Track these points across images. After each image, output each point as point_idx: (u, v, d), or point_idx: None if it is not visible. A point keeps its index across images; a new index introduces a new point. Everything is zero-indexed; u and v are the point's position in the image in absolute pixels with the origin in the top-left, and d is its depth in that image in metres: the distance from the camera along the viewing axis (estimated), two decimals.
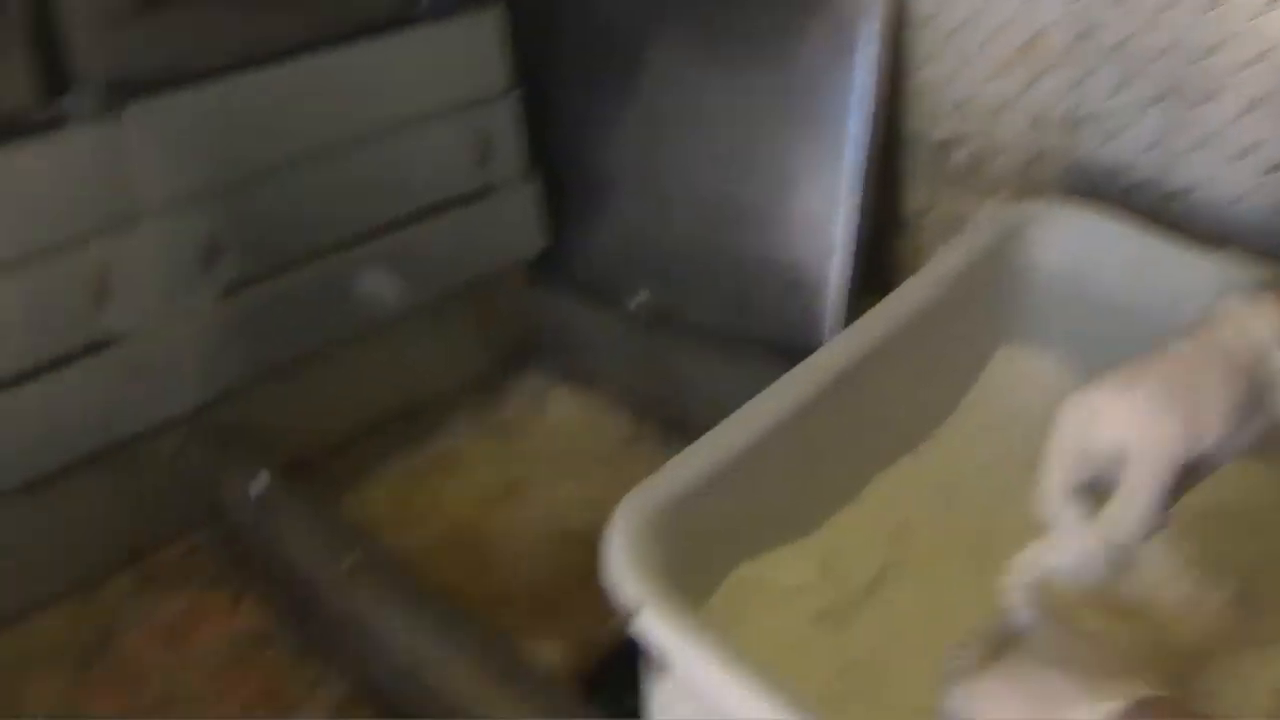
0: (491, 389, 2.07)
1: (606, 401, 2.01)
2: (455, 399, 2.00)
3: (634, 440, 1.93)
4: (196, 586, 1.68)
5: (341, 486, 1.81)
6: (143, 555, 1.72)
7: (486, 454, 1.91)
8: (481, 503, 1.81)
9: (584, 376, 2.07)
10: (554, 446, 1.93)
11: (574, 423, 1.98)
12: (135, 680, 1.55)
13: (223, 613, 1.62)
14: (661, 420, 1.92)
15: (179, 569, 1.72)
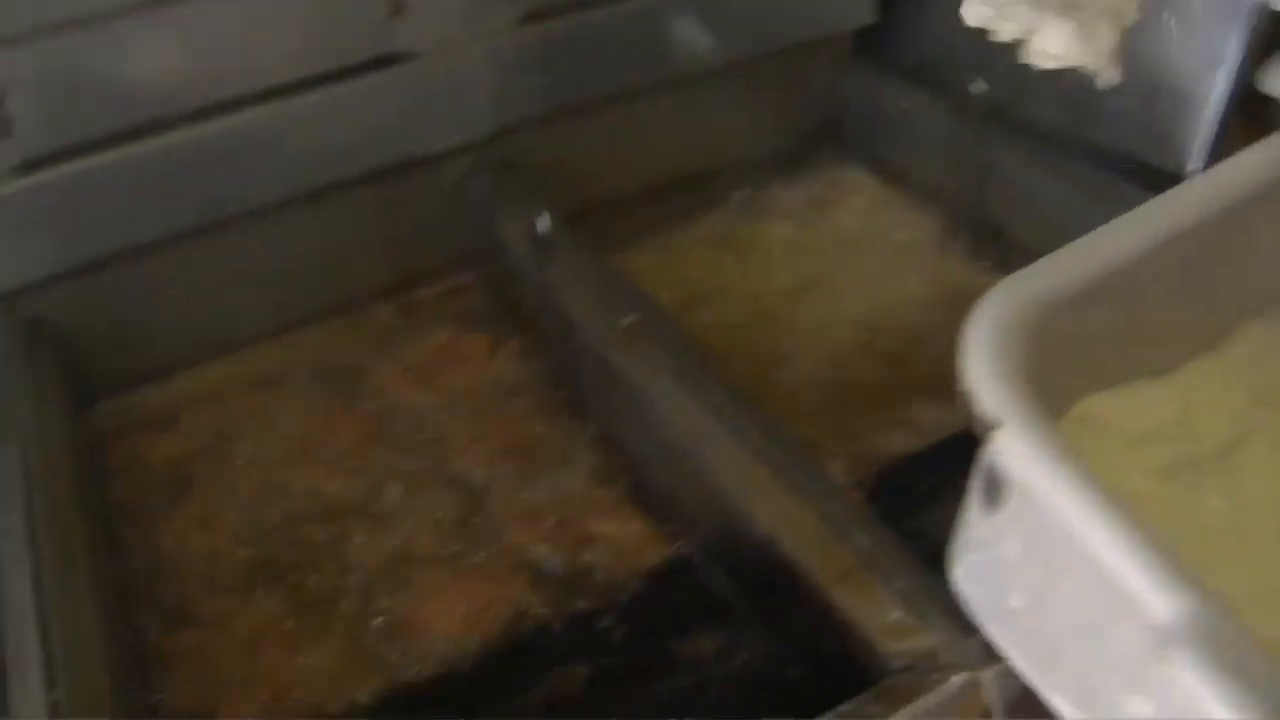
0: (792, 167, 2.01)
1: (915, 198, 1.93)
2: (751, 172, 1.96)
3: (942, 243, 1.87)
4: (456, 326, 1.74)
5: (613, 247, 1.82)
6: (406, 287, 1.79)
7: (778, 237, 1.89)
8: (764, 290, 1.80)
9: (893, 168, 1.99)
10: (853, 239, 1.90)
11: (877, 216, 1.93)
12: (382, 413, 1.64)
13: (481, 356, 1.68)
14: (973, 226, 1.86)
15: (441, 306, 1.79)
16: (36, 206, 1.52)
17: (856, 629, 1.17)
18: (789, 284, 1.80)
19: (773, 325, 1.72)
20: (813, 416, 1.57)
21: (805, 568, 1.22)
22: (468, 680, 1.33)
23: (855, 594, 1.19)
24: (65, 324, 1.61)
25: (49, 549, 1.30)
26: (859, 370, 1.65)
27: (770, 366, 1.65)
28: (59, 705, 1.14)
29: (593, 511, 1.47)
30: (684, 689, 1.30)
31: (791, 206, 1.97)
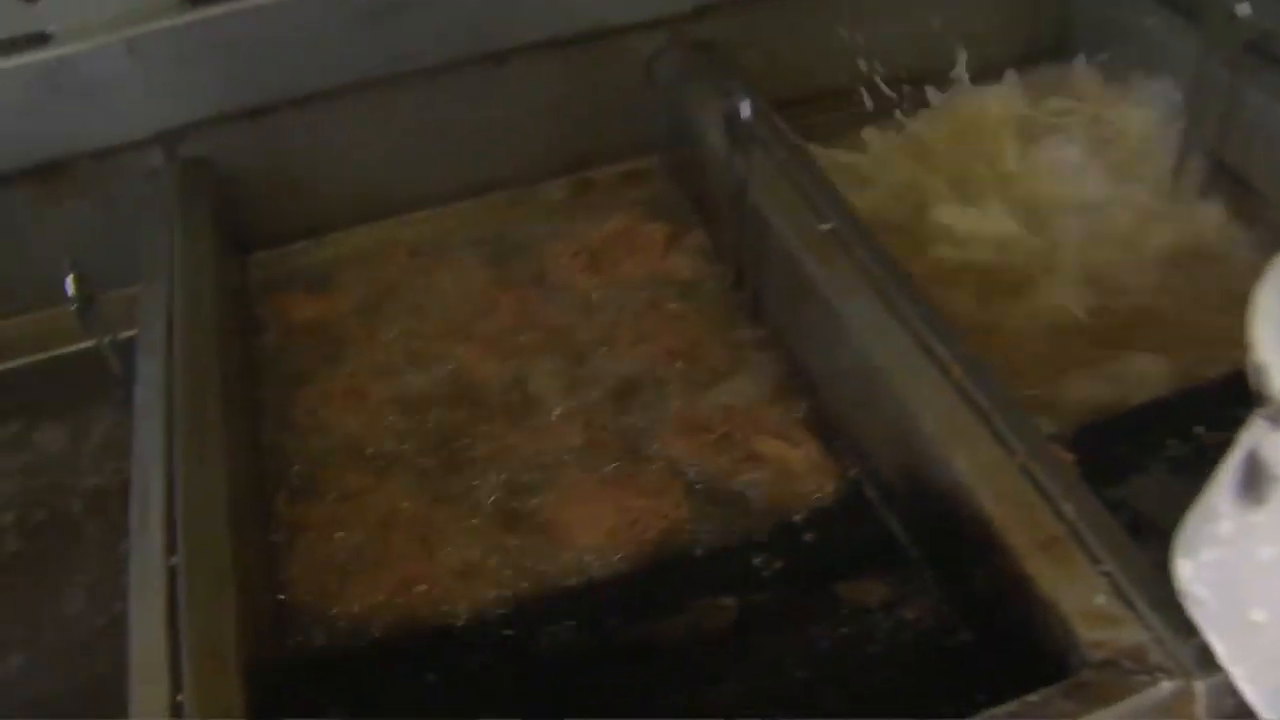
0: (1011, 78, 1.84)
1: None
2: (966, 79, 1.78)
3: (1172, 179, 1.65)
4: (633, 213, 1.60)
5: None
6: (583, 166, 1.67)
7: (991, 155, 1.68)
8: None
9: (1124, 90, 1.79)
10: (1071, 167, 1.68)
11: (1100, 144, 1.71)
12: (545, 296, 1.52)
13: (657, 247, 1.54)
14: (1208, 163, 1.63)
15: (618, 189, 1.66)
16: (207, 41, 1.44)
17: (1051, 607, 1.00)
18: (1002, 206, 1.60)
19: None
20: (1015, 355, 1.39)
21: (1001, 527, 1.05)
22: (606, 599, 1.21)
23: (1056, 567, 1.02)
24: (226, 169, 1.53)
25: (185, 400, 1.23)
26: (1066, 312, 1.45)
27: (973, 294, 1.47)
28: (175, 570, 1.06)
29: (762, 429, 1.33)
30: (843, 639, 1.16)
31: (1007, 120, 1.76)
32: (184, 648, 1.01)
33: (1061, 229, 1.56)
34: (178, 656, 1.00)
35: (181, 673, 0.99)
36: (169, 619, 1.03)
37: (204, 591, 1.06)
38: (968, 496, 1.09)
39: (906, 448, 1.18)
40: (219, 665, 1.01)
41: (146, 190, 1.48)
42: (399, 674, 1.17)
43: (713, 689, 1.13)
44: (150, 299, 1.33)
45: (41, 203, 1.48)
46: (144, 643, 1.02)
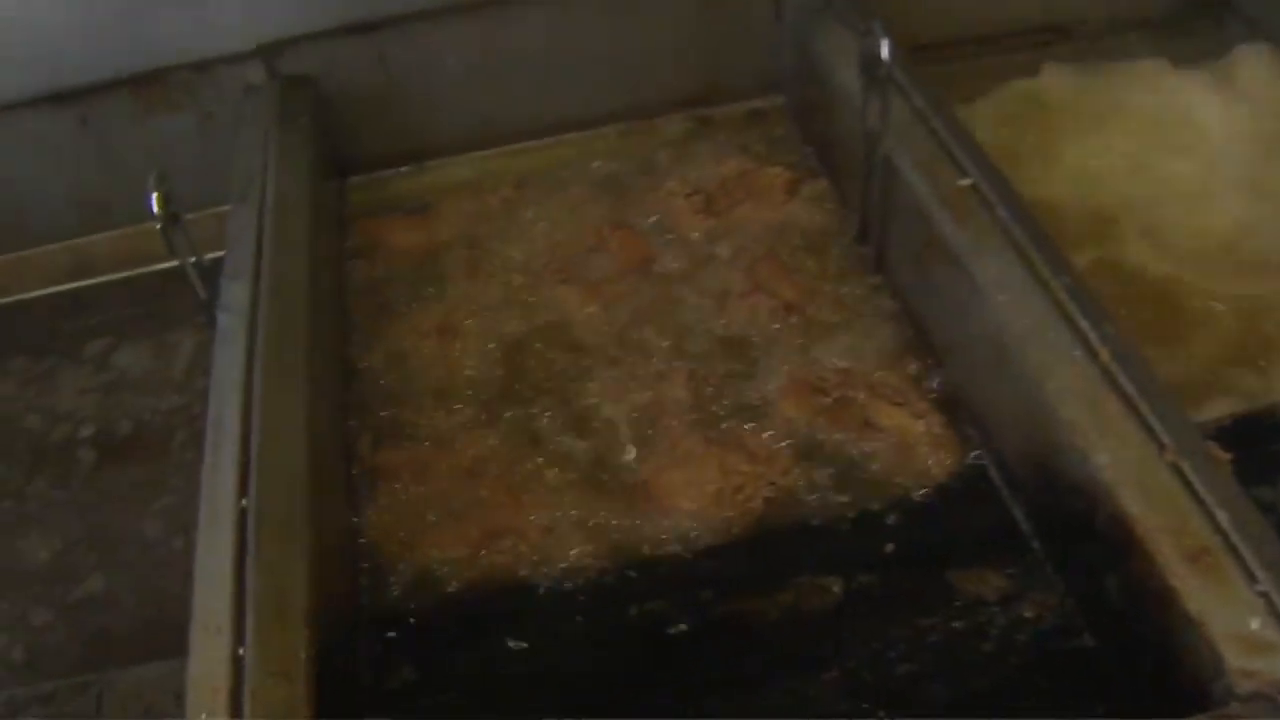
0: (1165, 34, 1.68)
1: None
2: (1117, 32, 1.63)
3: None
4: (754, 155, 1.49)
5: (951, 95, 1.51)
6: (704, 102, 1.56)
7: (1146, 110, 1.54)
8: (1124, 172, 1.48)
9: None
10: (1239, 129, 1.53)
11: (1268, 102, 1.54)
12: (656, 238, 1.42)
13: (777, 193, 1.43)
14: None
15: (739, 129, 1.54)
16: None
17: (1197, 626, 0.89)
18: (1154, 168, 1.45)
19: (1125, 214, 1.39)
20: (1166, 338, 1.26)
21: (1144, 532, 0.94)
22: (703, 569, 1.13)
23: (1206, 582, 0.91)
24: (328, 87, 1.44)
25: (269, 330, 1.16)
26: (1222, 291, 1.31)
27: (1117, 265, 1.34)
28: (246, 514, 0.99)
29: (881, 396, 1.22)
30: (954, 633, 1.06)
31: (1159, 77, 1.60)
32: (249, 598, 0.95)
33: (1214, 192, 1.41)
34: (242, 607, 0.95)
35: (245, 625, 0.94)
36: (236, 566, 0.97)
37: (274, 539, 1.00)
38: (1107, 494, 0.98)
39: (1039, 431, 1.06)
40: (284, 619, 0.96)
41: (245, 106, 1.40)
42: (476, 635, 1.10)
43: (810, 676, 1.05)
44: (239, 221, 1.27)
45: (136, 114, 1.42)
46: (208, 590, 0.96)
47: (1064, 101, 1.54)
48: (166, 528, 1.28)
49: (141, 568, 1.25)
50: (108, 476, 1.33)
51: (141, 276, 1.49)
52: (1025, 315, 1.08)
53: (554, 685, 1.07)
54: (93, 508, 1.31)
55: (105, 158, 1.44)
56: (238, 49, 1.40)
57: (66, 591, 1.23)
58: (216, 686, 0.91)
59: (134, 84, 1.40)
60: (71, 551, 1.27)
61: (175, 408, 1.37)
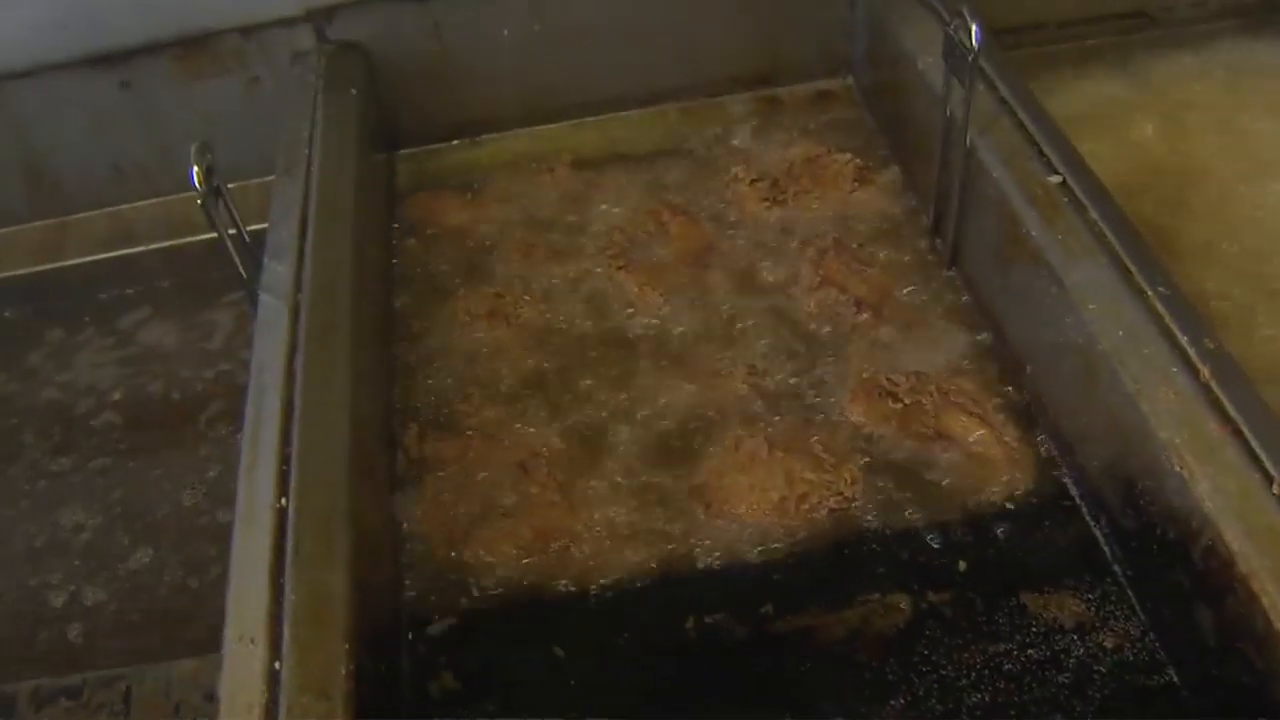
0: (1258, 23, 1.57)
1: None
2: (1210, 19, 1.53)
3: None
4: (822, 139, 1.40)
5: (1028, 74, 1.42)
6: (771, 81, 1.48)
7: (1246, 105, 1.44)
8: (1221, 172, 1.37)
9: None
10: None
11: None
12: (718, 224, 1.35)
13: (847, 180, 1.34)
14: None
15: (805, 111, 1.45)
16: None
17: None
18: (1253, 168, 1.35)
19: (1224, 217, 1.29)
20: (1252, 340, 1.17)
21: (1248, 570, 0.86)
22: (764, 582, 1.05)
23: None
24: (379, 55, 1.36)
25: (313, 317, 1.09)
26: None
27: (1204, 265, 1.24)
28: (285, 514, 0.93)
29: (955, 404, 1.15)
30: (1029, 663, 0.99)
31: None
32: (286, 607, 0.89)
33: None
34: (279, 616, 0.89)
35: (282, 637, 0.87)
36: (273, 572, 0.91)
37: (314, 542, 0.94)
38: (1208, 525, 0.89)
39: (1132, 451, 0.98)
40: (323, 632, 0.90)
41: (292, 72, 1.33)
42: (522, 642, 1.04)
43: (875, 702, 0.98)
44: (284, 195, 1.20)
45: (180, 79, 1.36)
46: (243, 595, 0.90)
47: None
48: (207, 500, 1.23)
49: (185, 540, 1.21)
50: (144, 446, 1.27)
51: (182, 247, 1.41)
52: (1118, 326, 1.00)
53: (601, 699, 1.00)
54: (132, 475, 1.25)
55: (147, 123, 1.37)
56: (287, 12, 1.32)
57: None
58: (251, 702, 0.85)
59: (178, 47, 1.32)
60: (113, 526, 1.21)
61: (212, 379, 1.31)
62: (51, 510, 1.23)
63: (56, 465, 1.27)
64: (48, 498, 1.24)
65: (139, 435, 1.29)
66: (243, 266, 1.13)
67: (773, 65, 1.47)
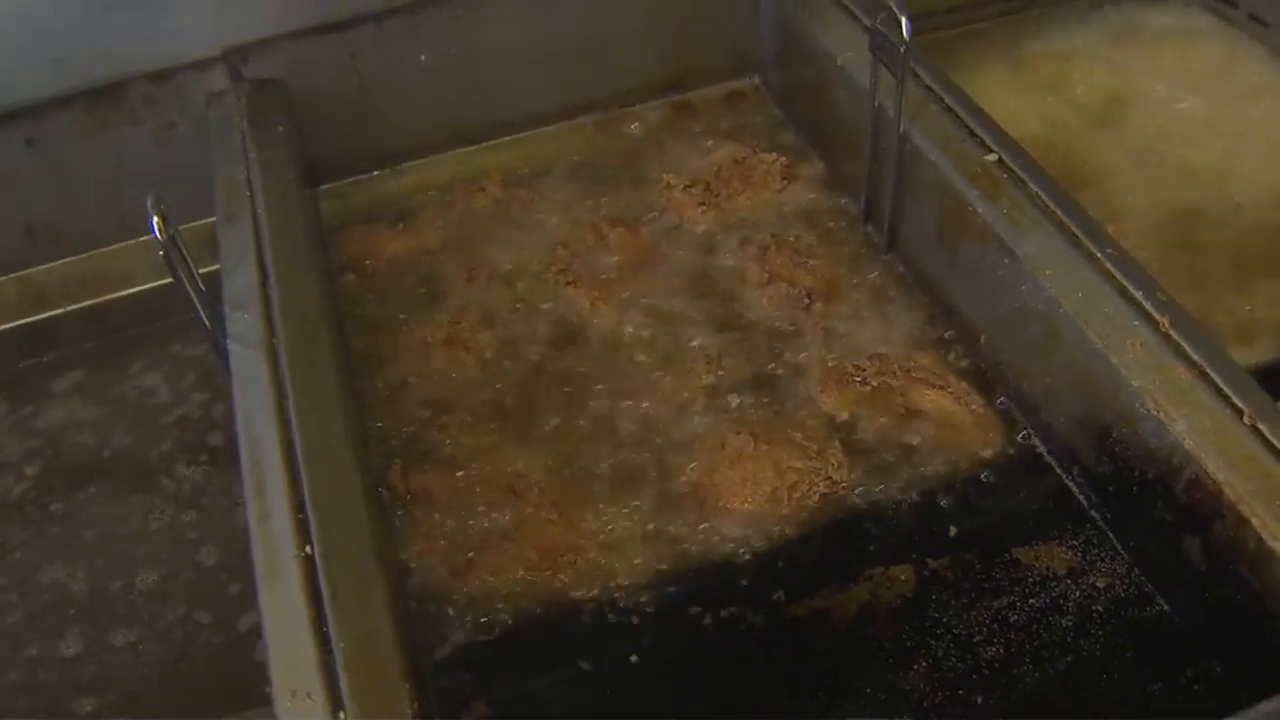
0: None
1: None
2: None
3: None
4: (743, 140, 1.44)
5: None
6: (682, 86, 1.50)
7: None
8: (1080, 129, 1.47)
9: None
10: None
11: (1228, 62, 1.57)
12: (659, 230, 1.37)
13: (775, 178, 1.38)
14: None
15: (720, 113, 1.49)
16: None
17: None
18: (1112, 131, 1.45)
19: (1106, 177, 1.39)
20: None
21: (1234, 495, 0.94)
22: (772, 569, 1.08)
23: None
24: (296, 90, 1.34)
25: (294, 360, 1.05)
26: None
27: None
28: (312, 561, 0.91)
29: (919, 380, 1.20)
30: (1034, 611, 1.04)
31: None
32: (337, 655, 0.87)
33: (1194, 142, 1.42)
34: (331, 667, 0.86)
35: (340, 687, 0.85)
36: (315, 623, 0.88)
37: (351, 586, 0.92)
38: (1188, 460, 0.97)
39: (1101, 402, 1.05)
40: (381, 676, 0.88)
41: (211, 114, 1.29)
42: (547, 662, 1.04)
43: (900, 669, 1.01)
44: (234, 241, 1.16)
45: (91, 130, 1.29)
46: (287, 651, 0.87)
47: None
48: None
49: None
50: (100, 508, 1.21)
51: (103, 305, 1.35)
52: (1076, 289, 1.07)
53: (635, 704, 1.01)
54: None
55: (56, 180, 1.30)
56: (200, 54, 1.28)
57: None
58: None
59: (86, 98, 1.26)
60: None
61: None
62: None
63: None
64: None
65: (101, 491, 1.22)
66: (207, 319, 1.10)
67: (682, 70, 1.50)
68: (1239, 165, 1.40)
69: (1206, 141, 1.43)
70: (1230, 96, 1.49)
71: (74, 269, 1.36)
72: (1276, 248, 1.31)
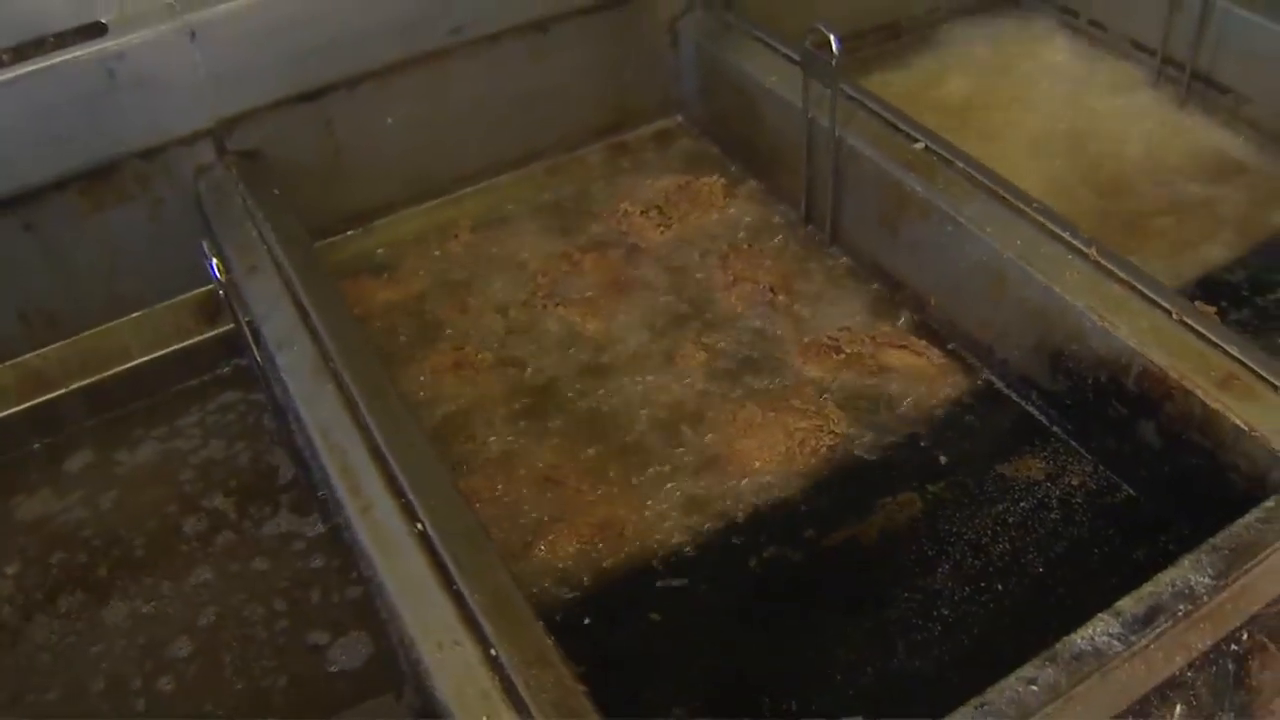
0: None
1: (1117, 49, 1.90)
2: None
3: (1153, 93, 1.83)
4: (680, 170, 1.66)
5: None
6: (617, 130, 1.70)
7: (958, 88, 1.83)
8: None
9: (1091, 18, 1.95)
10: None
11: (1077, 66, 1.88)
12: (627, 252, 1.54)
13: (717, 198, 1.60)
14: (1188, 78, 1.82)
15: (653, 150, 1.70)
16: (267, 23, 1.39)
17: (1246, 432, 1.12)
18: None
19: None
20: None
21: (1179, 375, 1.17)
22: (798, 514, 1.27)
23: (1241, 398, 1.14)
24: (275, 159, 1.47)
25: (358, 377, 1.18)
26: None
27: None
28: (427, 536, 1.03)
29: (885, 343, 1.41)
30: (1026, 511, 1.25)
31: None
32: (475, 608, 0.98)
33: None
34: (473, 619, 0.97)
35: (484, 631, 0.96)
36: (445, 585, 1.00)
37: (471, 551, 1.03)
38: (1135, 356, 1.20)
39: (1051, 328, 1.28)
40: (518, 619, 0.98)
41: (201, 186, 1.40)
42: (619, 621, 1.18)
43: (928, 575, 1.20)
44: (263, 290, 1.27)
45: (87, 211, 1.38)
46: (424, 616, 0.98)
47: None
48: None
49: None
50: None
51: (102, 382, 1.42)
52: (1016, 238, 1.30)
53: (708, 642, 1.16)
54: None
55: (53, 264, 1.38)
56: (191, 129, 1.39)
57: None
58: (483, 689, 0.93)
59: (83, 180, 1.35)
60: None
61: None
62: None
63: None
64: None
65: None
66: (260, 357, 1.21)
67: (617, 115, 1.70)
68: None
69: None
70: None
71: (70, 350, 1.43)
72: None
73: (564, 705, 0.93)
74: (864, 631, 1.15)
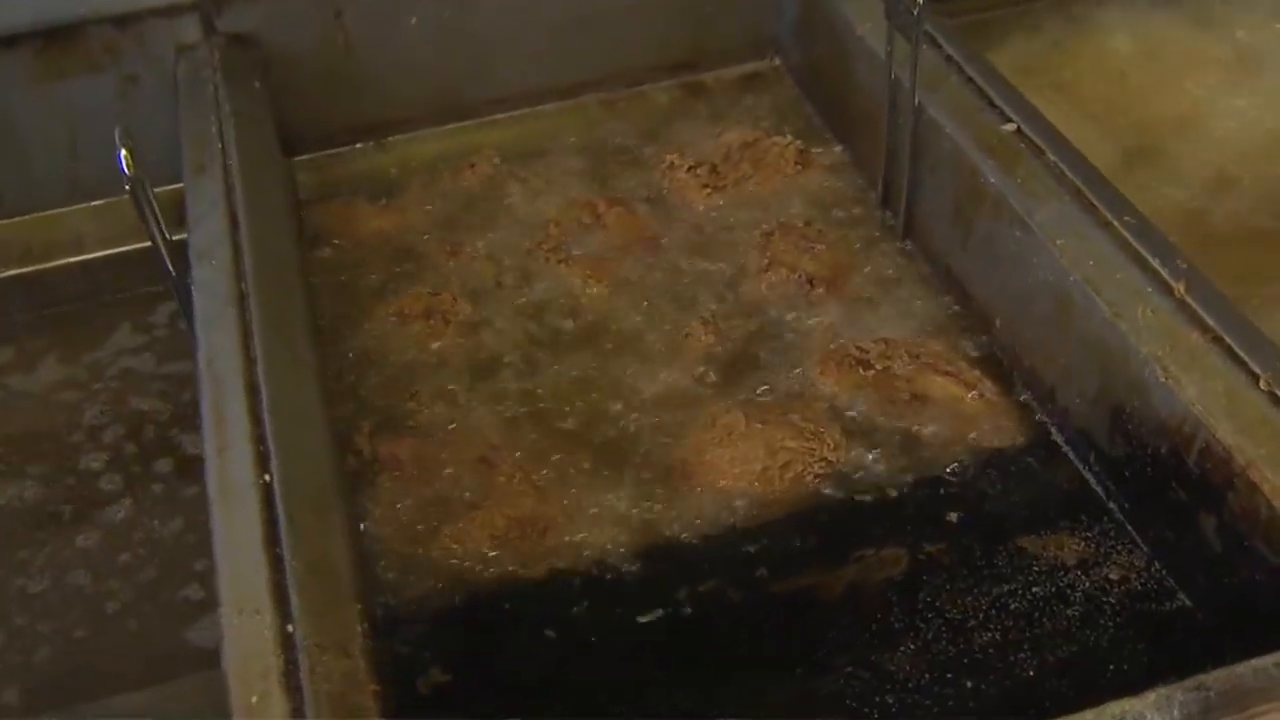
0: None
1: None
2: None
3: None
4: (756, 123, 1.68)
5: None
6: (695, 67, 1.74)
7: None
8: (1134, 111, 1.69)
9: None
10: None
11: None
12: (660, 212, 1.58)
13: (788, 163, 1.61)
14: None
15: (735, 95, 1.73)
16: None
17: None
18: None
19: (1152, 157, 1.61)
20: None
21: (1246, 461, 1.10)
22: (756, 548, 1.27)
23: None
24: (274, 49, 1.56)
25: (264, 310, 1.26)
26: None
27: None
28: (270, 488, 1.10)
29: (929, 365, 1.39)
30: (1037, 599, 1.21)
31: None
32: (289, 575, 1.04)
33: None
34: (283, 585, 1.03)
35: (290, 603, 1.02)
36: (268, 544, 1.06)
37: (309, 512, 1.10)
38: (1199, 427, 1.14)
39: (1113, 376, 1.24)
40: (332, 596, 1.05)
41: (179, 68, 1.51)
42: (510, 630, 1.22)
43: (884, 651, 1.19)
44: (203, 193, 1.37)
45: (43, 77, 1.49)
46: (238, 571, 1.05)
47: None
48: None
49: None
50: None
51: (44, 272, 1.56)
52: (1088, 257, 1.27)
53: (599, 676, 1.19)
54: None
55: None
56: (172, 1, 1.49)
57: None
58: (266, 667, 0.98)
59: (38, 39, 1.45)
60: None
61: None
62: None
63: None
64: None
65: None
66: (171, 267, 1.31)
67: (695, 50, 1.73)
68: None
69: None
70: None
71: (15, 232, 1.57)
72: None
73: (344, 700, 0.97)
74: (784, 697, 1.16)
